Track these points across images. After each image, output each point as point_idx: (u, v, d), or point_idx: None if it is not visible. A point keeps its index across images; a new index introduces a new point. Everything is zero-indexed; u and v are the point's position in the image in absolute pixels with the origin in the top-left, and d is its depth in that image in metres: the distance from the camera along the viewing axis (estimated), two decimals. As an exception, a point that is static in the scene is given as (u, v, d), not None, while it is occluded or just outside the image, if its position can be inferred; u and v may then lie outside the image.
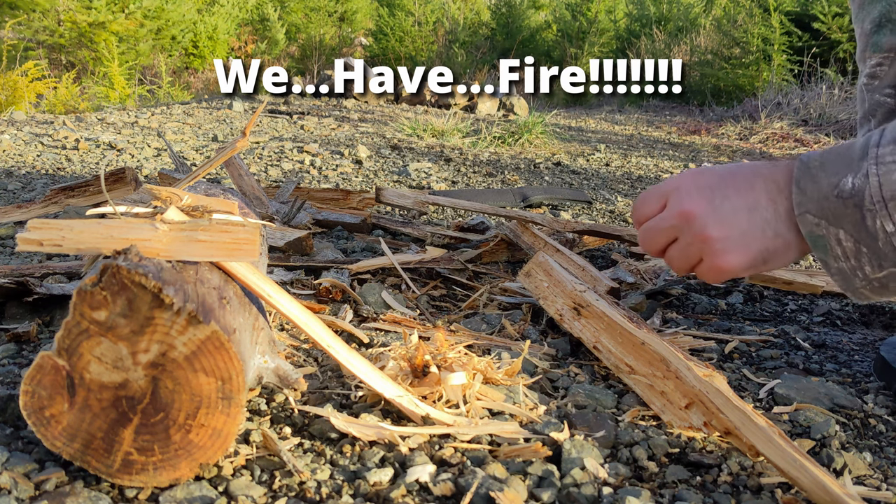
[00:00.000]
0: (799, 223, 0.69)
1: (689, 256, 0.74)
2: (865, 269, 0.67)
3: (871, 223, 0.65)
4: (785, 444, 0.64)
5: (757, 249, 0.71)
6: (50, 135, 3.19)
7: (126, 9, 7.85)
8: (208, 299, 0.58)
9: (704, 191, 0.73)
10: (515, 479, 0.62)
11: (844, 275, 0.69)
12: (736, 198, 0.71)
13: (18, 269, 1.14)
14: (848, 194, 0.66)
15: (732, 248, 0.71)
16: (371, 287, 1.16)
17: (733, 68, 7.30)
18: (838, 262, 0.68)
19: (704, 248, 0.72)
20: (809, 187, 0.68)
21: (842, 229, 0.67)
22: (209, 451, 0.57)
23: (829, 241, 0.68)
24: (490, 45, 10.36)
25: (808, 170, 0.69)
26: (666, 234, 0.75)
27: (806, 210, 0.68)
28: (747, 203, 0.71)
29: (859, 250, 0.67)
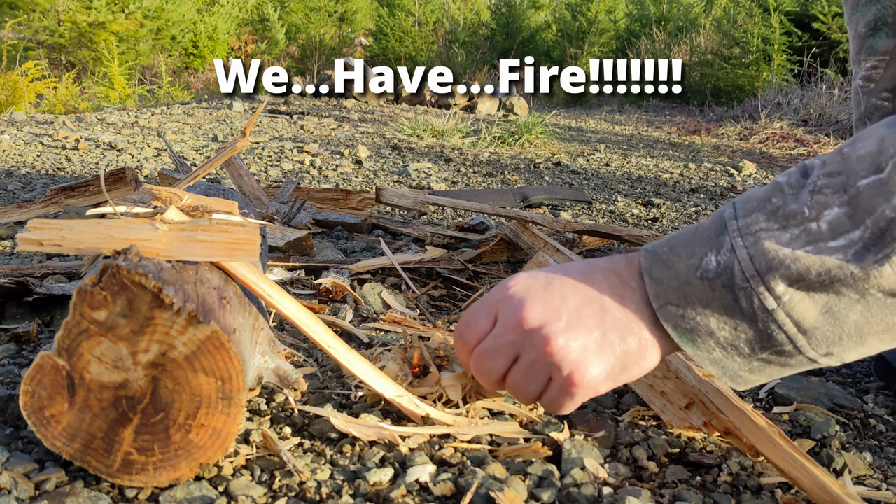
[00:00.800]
0: (661, 318, 0.59)
1: (535, 376, 0.62)
2: (744, 352, 0.58)
3: (746, 304, 0.56)
4: (785, 444, 0.65)
5: (614, 354, 0.60)
6: (50, 135, 3.19)
7: (126, 9, 7.85)
8: (208, 299, 0.58)
9: (538, 294, 0.61)
10: (515, 479, 0.62)
11: (721, 364, 0.59)
12: (576, 296, 0.61)
13: (18, 269, 1.14)
14: (714, 274, 0.57)
15: (588, 356, 0.60)
16: (371, 287, 1.16)
17: (733, 68, 7.30)
18: (712, 352, 0.59)
19: (552, 363, 0.60)
20: (665, 275, 0.59)
21: (713, 317, 0.57)
22: (209, 451, 0.57)
23: (698, 334, 0.58)
24: (490, 45, 10.37)
25: (657, 256, 0.60)
26: (504, 354, 0.62)
27: (666, 301, 0.59)
28: (589, 300, 0.60)
29: (736, 336, 0.58)
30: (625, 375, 0.61)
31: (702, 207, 2.30)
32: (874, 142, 0.55)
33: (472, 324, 0.65)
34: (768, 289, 0.55)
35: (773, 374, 0.60)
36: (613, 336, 0.60)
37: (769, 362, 0.59)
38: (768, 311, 0.56)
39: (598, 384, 0.60)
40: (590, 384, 0.60)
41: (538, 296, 0.61)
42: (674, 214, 2.16)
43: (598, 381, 0.60)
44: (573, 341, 0.59)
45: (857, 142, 0.56)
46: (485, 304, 0.64)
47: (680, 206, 2.30)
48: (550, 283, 0.62)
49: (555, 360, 0.60)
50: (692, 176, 3.02)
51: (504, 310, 0.63)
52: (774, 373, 0.60)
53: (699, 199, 2.47)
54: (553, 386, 0.62)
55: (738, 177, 3.06)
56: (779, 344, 0.57)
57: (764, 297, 0.55)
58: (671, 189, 2.66)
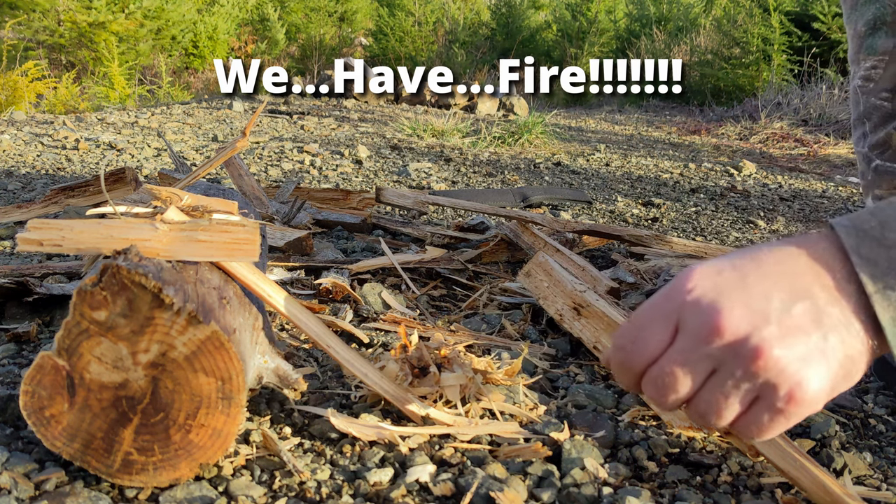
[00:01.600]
0: (876, 306, 0.48)
1: (738, 396, 0.50)
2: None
3: None
4: (785, 444, 0.65)
5: (837, 363, 0.49)
6: (50, 135, 3.19)
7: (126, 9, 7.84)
8: (208, 299, 0.58)
9: (734, 293, 0.50)
10: (515, 479, 0.62)
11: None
12: (780, 292, 0.49)
13: (18, 269, 1.14)
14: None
15: (810, 368, 0.48)
16: (371, 287, 1.16)
17: (733, 68, 7.30)
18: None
19: (767, 380, 0.49)
20: (882, 255, 0.49)
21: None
22: (209, 451, 0.57)
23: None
24: (490, 45, 10.36)
25: (865, 233, 0.50)
26: (697, 372, 0.50)
27: (886, 285, 0.48)
28: (798, 295, 0.49)
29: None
30: (845, 384, 0.50)
31: (702, 207, 2.30)
32: None
33: (644, 337, 0.52)
34: None
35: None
36: (834, 339, 0.49)
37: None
38: None
39: (822, 399, 0.49)
40: (812, 401, 0.49)
41: (735, 295, 0.50)
42: (674, 214, 2.16)
43: (821, 395, 0.49)
44: (791, 350, 0.48)
45: None
46: (658, 312, 0.52)
47: (680, 206, 2.30)
48: (746, 277, 0.50)
49: (770, 375, 0.48)
50: (692, 176, 3.02)
51: (690, 317, 0.50)
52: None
53: (699, 199, 2.47)
54: (760, 406, 0.50)
55: (738, 177, 3.06)
56: None
57: None
58: (671, 189, 2.66)
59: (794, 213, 2.34)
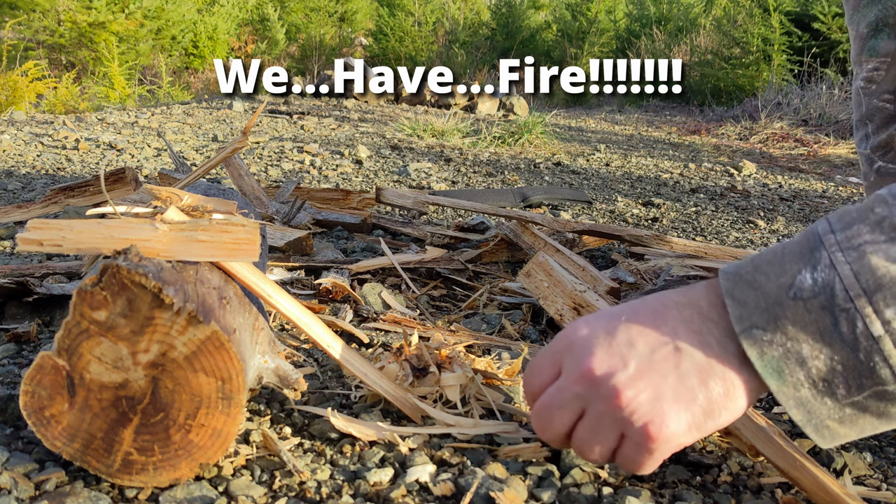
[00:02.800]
0: (744, 344, 0.51)
1: (604, 433, 0.55)
2: (838, 392, 0.50)
3: (847, 329, 0.48)
4: (785, 444, 0.65)
5: (695, 404, 0.53)
6: (50, 135, 3.19)
7: (126, 9, 7.84)
8: (208, 299, 0.58)
9: (605, 340, 0.55)
10: (515, 479, 0.62)
11: (808, 405, 0.51)
12: (645, 338, 0.54)
13: (18, 269, 1.14)
14: (809, 293, 0.50)
15: (664, 407, 0.52)
16: (371, 287, 1.16)
17: (733, 68, 7.30)
18: (800, 389, 0.51)
19: (623, 418, 0.53)
20: (750, 296, 0.52)
21: (805, 343, 0.50)
22: (209, 451, 0.57)
23: (786, 363, 0.50)
24: (490, 45, 10.36)
25: (740, 277, 0.53)
26: (568, 409, 0.56)
27: (752, 325, 0.51)
28: (661, 341, 0.54)
29: (832, 369, 0.50)
30: (711, 423, 0.53)
31: (702, 207, 2.30)
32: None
33: (537, 374, 0.59)
34: (876, 311, 0.48)
35: (864, 430, 0.52)
36: (692, 381, 0.53)
37: (864, 409, 0.51)
38: (874, 339, 0.48)
39: (680, 436, 0.53)
40: (669, 438, 0.53)
41: (603, 342, 0.55)
42: (674, 214, 2.16)
43: (679, 433, 0.53)
44: (644, 391, 0.53)
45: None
46: (549, 353, 0.59)
47: (680, 206, 2.30)
48: (616, 328, 0.55)
49: (625, 413, 0.53)
50: (692, 176, 3.02)
51: (567, 360, 0.56)
52: (867, 427, 0.52)
53: (699, 199, 2.47)
54: (627, 443, 0.55)
55: (738, 177, 3.06)
56: (881, 382, 0.49)
57: (870, 321, 0.48)
58: (671, 189, 2.66)
59: (794, 213, 2.34)
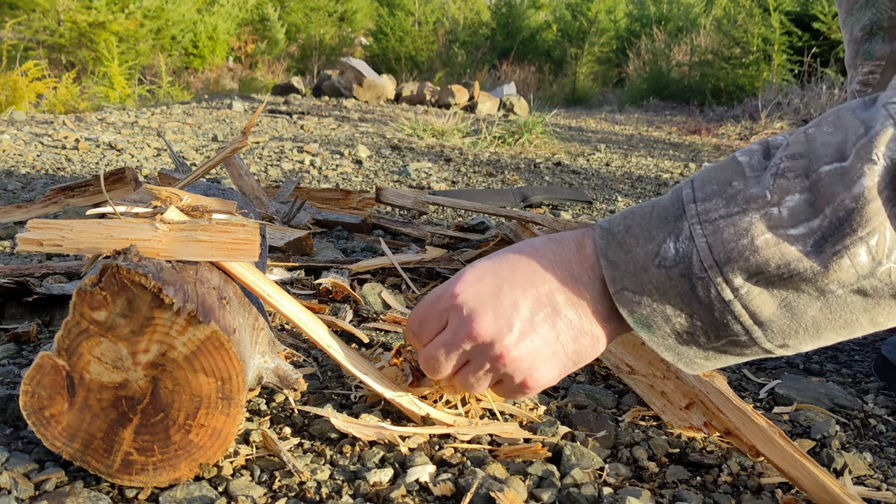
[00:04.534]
0: (617, 303, 0.58)
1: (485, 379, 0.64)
2: (700, 341, 0.58)
3: (703, 293, 0.55)
4: (785, 444, 0.65)
5: (566, 356, 0.62)
6: (50, 135, 3.19)
7: (126, 9, 7.84)
8: (208, 299, 0.58)
9: (489, 302, 0.61)
10: (515, 480, 0.62)
11: (676, 350, 0.59)
12: (526, 300, 0.60)
13: (18, 269, 1.14)
14: (671, 262, 0.56)
15: (539, 363, 0.61)
16: (371, 287, 1.16)
17: (733, 68, 7.30)
18: (667, 339, 0.59)
19: (506, 372, 0.62)
20: (621, 259, 0.58)
21: (668, 304, 0.57)
22: (209, 452, 0.57)
23: (654, 320, 0.58)
24: (490, 45, 10.36)
25: (614, 237, 0.59)
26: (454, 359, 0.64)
27: (623, 287, 0.58)
28: (540, 303, 0.60)
29: (692, 324, 0.57)
30: (576, 368, 0.64)
31: (702, 207, 2.30)
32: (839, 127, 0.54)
33: (424, 325, 0.65)
34: (726, 280, 0.54)
35: (728, 361, 0.61)
36: (565, 338, 0.61)
37: (724, 351, 0.59)
38: (725, 302, 0.55)
39: (550, 382, 0.63)
40: (541, 385, 0.63)
41: (488, 305, 0.61)
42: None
43: (549, 380, 0.63)
44: (525, 350, 0.61)
45: (822, 124, 0.55)
46: (435, 307, 0.64)
47: (680, 206, 2.29)
48: (500, 290, 0.61)
49: (508, 369, 0.62)
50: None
51: (454, 319, 0.62)
52: (730, 360, 0.61)
53: (699, 198, 2.47)
54: (504, 385, 0.65)
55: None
56: (734, 334, 0.57)
57: (721, 288, 0.55)
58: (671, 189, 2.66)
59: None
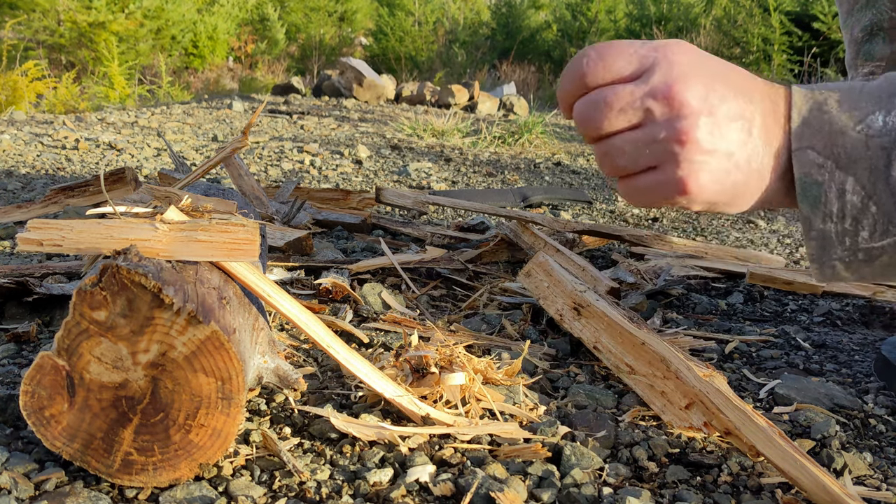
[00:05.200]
0: (795, 161, 0.54)
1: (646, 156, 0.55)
2: (861, 235, 0.54)
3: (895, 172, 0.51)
4: (785, 444, 0.65)
5: (733, 180, 0.56)
6: (50, 135, 3.19)
7: (126, 9, 7.84)
8: (208, 299, 0.58)
9: (707, 79, 0.55)
10: (515, 480, 0.62)
11: (826, 240, 0.55)
12: (734, 103, 0.55)
13: (18, 269, 1.14)
14: (877, 132, 0.52)
15: (711, 167, 0.54)
16: (371, 287, 1.16)
17: (733, 68, 7.29)
18: (826, 222, 0.55)
19: (675, 154, 0.54)
20: (816, 118, 0.54)
21: (852, 177, 0.53)
22: (209, 451, 0.57)
23: (826, 192, 0.54)
24: (490, 45, 10.35)
25: (813, 97, 0.55)
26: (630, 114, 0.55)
27: (809, 145, 0.54)
28: (745, 116, 0.55)
29: (866, 208, 0.53)
30: (728, 206, 0.57)
31: (702, 207, 2.30)
32: None
33: (609, 60, 0.55)
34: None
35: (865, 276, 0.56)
36: (744, 162, 0.55)
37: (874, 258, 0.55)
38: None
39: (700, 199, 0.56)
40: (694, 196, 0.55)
41: (703, 79, 0.54)
42: (674, 214, 2.16)
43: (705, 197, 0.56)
44: (708, 142, 0.54)
45: None
46: (636, 47, 0.55)
47: (680, 206, 2.29)
48: (718, 75, 0.55)
49: (681, 152, 0.54)
50: (692, 176, 3.02)
51: (661, 69, 0.54)
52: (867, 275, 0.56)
53: (699, 199, 2.47)
54: (656, 175, 0.56)
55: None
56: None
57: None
58: (671, 189, 2.66)
59: (795, 213, 2.34)
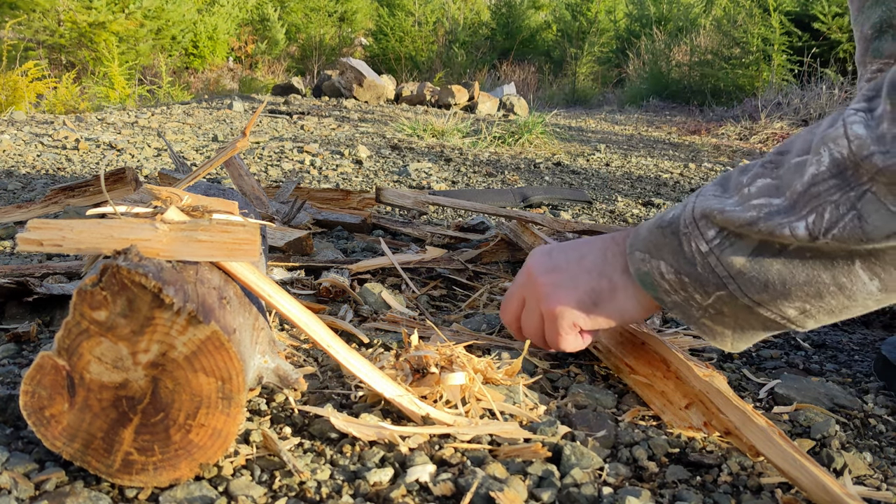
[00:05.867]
0: (629, 262, 0.73)
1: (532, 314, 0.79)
2: (696, 298, 0.69)
3: (687, 248, 0.67)
4: (785, 444, 0.65)
5: (583, 289, 0.75)
6: (50, 135, 3.19)
7: (126, 9, 7.84)
8: (208, 299, 0.58)
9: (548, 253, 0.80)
10: (515, 479, 0.62)
11: (681, 307, 0.70)
12: (570, 252, 0.78)
13: (18, 269, 1.14)
14: (667, 223, 0.70)
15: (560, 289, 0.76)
16: (371, 287, 1.16)
17: (733, 68, 7.30)
18: (669, 295, 0.70)
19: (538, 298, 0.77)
20: (641, 230, 0.73)
21: (662, 260, 0.69)
22: (209, 451, 0.57)
23: (653, 276, 0.70)
24: (490, 45, 10.35)
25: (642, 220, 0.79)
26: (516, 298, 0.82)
27: (635, 248, 0.72)
28: (579, 254, 0.78)
29: (681, 280, 0.68)
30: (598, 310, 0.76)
31: (702, 207, 2.30)
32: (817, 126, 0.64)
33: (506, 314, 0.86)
34: (701, 233, 0.66)
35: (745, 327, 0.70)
36: (585, 276, 0.76)
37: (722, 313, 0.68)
38: (703, 254, 0.66)
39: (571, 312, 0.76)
40: (562, 312, 0.76)
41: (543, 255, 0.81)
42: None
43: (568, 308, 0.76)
44: (551, 279, 0.77)
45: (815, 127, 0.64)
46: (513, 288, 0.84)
47: (680, 206, 2.29)
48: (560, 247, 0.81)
49: (538, 294, 0.77)
50: (692, 176, 3.02)
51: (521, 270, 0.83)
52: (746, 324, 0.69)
53: (699, 199, 2.47)
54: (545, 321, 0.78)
55: (738, 177, 3.05)
56: (716, 287, 0.66)
57: (698, 240, 0.66)
58: (671, 189, 2.66)
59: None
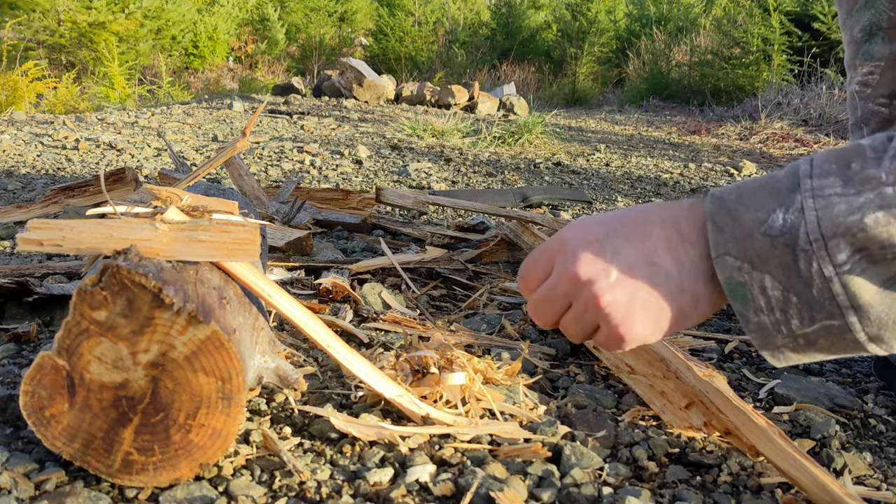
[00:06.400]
0: (716, 268, 0.59)
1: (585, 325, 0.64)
2: (792, 323, 0.57)
3: (804, 267, 0.55)
4: (785, 444, 0.65)
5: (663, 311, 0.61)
6: (50, 135, 3.19)
7: (126, 9, 7.84)
8: (208, 299, 0.58)
9: (592, 247, 0.62)
10: (515, 479, 0.62)
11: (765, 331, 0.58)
12: (628, 250, 0.61)
13: (18, 269, 1.14)
14: (778, 232, 0.56)
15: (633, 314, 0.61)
16: (371, 287, 1.16)
17: (733, 68, 7.30)
18: (759, 315, 0.58)
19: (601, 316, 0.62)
20: (728, 225, 0.58)
21: (768, 274, 0.56)
22: (209, 451, 0.57)
23: (750, 290, 0.57)
24: (490, 45, 10.35)
25: (724, 204, 0.59)
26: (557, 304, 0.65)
27: (725, 252, 0.58)
28: (643, 255, 0.61)
29: (787, 300, 0.56)
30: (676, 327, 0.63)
31: (702, 207, 2.30)
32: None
33: (532, 270, 0.67)
34: (829, 255, 0.53)
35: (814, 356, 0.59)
36: (664, 292, 0.61)
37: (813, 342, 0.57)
38: (825, 279, 0.54)
39: (645, 338, 0.62)
40: (635, 339, 0.62)
41: (591, 250, 0.62)
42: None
43: (643, 336, 0.62)
44: (620, 297, 0.61)
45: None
46: (543, 253, 0.66)
47: (680, 206, 2.29)
48: (606, 236, 0.62)
49: (602, 314, 0.61)
50: (692, 176, 3.02)
51: (559, 261, 0.64)
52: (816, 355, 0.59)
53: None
54: (602, 333, 0.64)
55: (739, 177, 3.06)
56: (828, 317, 0.55)
57: (824, 262, 0.54)
58: (671, 189, 2.66)
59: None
